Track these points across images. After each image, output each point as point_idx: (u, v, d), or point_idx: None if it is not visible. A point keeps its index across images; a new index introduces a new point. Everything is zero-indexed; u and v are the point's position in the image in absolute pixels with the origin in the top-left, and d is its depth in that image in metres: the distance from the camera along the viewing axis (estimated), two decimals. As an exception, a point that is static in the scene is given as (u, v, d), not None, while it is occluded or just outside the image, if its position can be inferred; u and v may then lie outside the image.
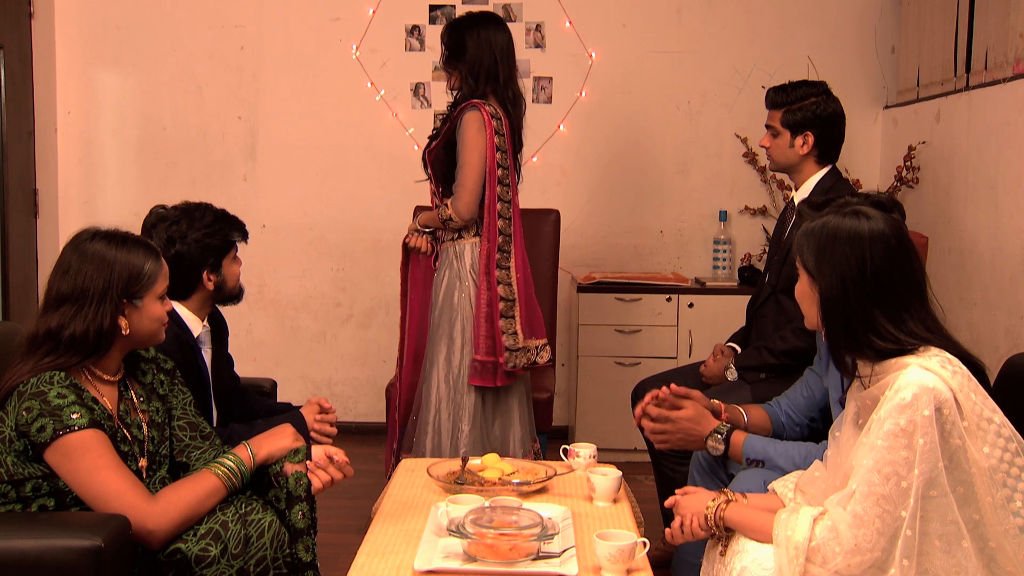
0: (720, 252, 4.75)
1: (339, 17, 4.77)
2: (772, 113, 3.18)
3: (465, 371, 3.30)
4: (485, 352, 3.26)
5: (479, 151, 3.24)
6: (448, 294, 3.34)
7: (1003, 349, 3.35)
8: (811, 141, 3.10)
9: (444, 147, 3.33)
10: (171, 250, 2.56)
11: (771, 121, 3.18)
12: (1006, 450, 1.86)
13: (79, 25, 4.80)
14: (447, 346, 3.33)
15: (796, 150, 3.12)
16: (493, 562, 2.05)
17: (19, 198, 4.51)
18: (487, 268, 3.28)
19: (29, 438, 2.01)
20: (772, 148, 3.19)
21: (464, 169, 3.25)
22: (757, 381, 3.04)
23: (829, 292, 1.97)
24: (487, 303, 3.27)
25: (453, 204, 3.27)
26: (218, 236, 2.65)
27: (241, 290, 2.78)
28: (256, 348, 4.88)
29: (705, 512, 2.07)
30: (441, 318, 3.35)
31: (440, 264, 3.40)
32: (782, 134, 3.14)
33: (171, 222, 2.62)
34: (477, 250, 3.33)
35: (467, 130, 3.23)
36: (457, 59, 3.33)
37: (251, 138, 4.86)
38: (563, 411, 4.73)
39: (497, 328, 3.25)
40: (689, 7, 4.77)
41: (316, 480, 2.22)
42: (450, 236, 3.37)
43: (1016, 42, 3.44)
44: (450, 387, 3.32)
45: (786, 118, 3.12)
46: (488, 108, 3.25)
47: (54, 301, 2.10)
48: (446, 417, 3.31)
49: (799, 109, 3.10)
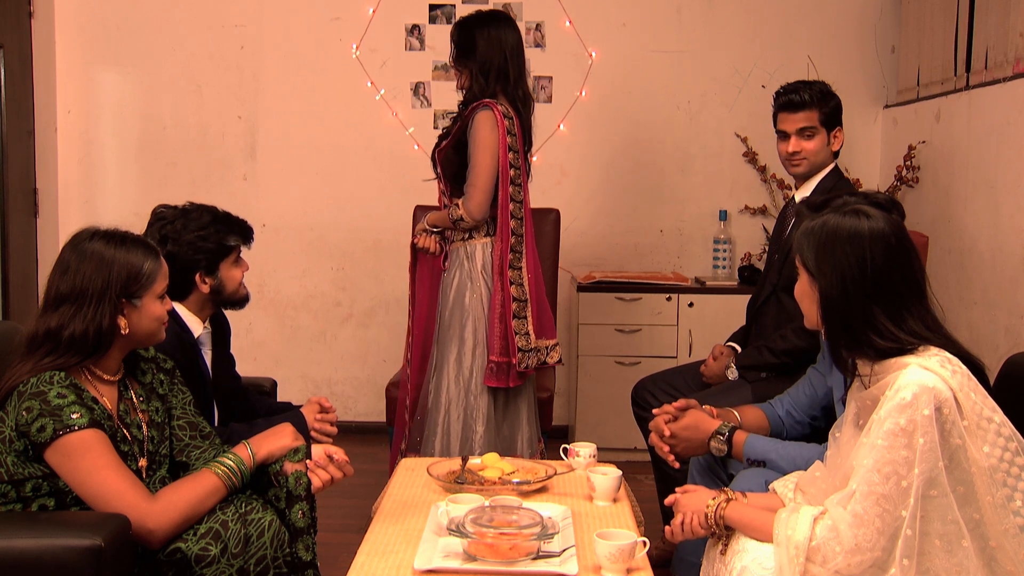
0: (720, 251, 4.75)
1: (339, 17, 4.77)
2: (807, 114, 3.06)
3: (477, 372, 3.30)
4: (499, 353, 3.26)
5: (492, 151, 3.23)
6: (459, 295, 3.33)
7: (1003, 348, 3.35)
8: (841, 137, 3.10)
9: (454, 147, 3.31)
10: (163, 249, 2.54)
11: (807, 122, 3.06)
12: (1006, 449, 1.86)
13: (79, 25, 4.80)
14: (458, 347, 3.32)
15: (830, 148, 3.10)
16: (493, 561, 2.05)
17: (19, 198, 4.51)
18: (500, 268, 3.28)
19: (29, 438, 2.01)
20: (809, 151, 3.08)
21: (476, 169, 3.24)
22: (757, 380, 3.04)
23: (829, 291, 1.97)
24: (501, 303, 3.27)
25: (465, 204, 3.26)
26: (212, 239, 2.61)
27: (245, 296, 2.73)
28: (256, 348, 4.88)
29: (705, 511, 2.07)
30: (452, 319, 3.33)
31: (450, 264, 3.38)
32: (820, 132, 3.07)
33: (167, 221, 2.60)
34: (488, 250, 3.32)
35: (480, 130, 3.22)
36: (467, 57, 3.31)
37: (251, 138, 4.86)
38: (563, 410, 4.73)
39: (510, 329, 3.25)
40: (689, 7, 4.77)
41: (316, 479, 2.22)
42: (460, 236, 3.36)
43: (1016, 41, 3.44)
44: (460, 388, 3.31)
45: (824, 115, 3.06)
46: (500, 107, 3.24)
47: (53, 301, 2.10)
48: (456, 418, 3.30)
49: (833, 105, 3.07)
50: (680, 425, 2.50)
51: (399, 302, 4.74)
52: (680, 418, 2.51)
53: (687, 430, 2.49)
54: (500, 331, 3.26)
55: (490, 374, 3.26)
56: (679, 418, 2.51)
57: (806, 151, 3.08)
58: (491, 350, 3.27)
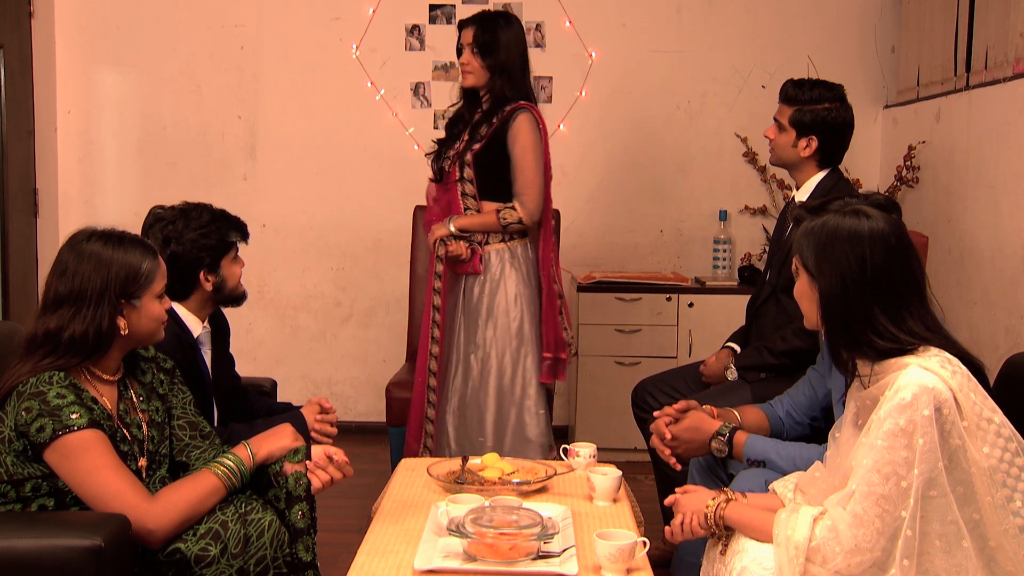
0: (720, 252, 4.75)
1: (339, 17, 4.77)
2: (783, 107, 3.09)
3: (529, 370, 3.34)
4: (553, 348, 3.35)
5: (539, 152, 3.30)
6: (509, 295, 3.34)
7: (1003, 349, 3.35)
8: (814, 146, 3.04)
9: (488, 148, 3.31)
10: (167, 250, 2.56)
11: (780, 115, 3.10)
12: (1006, 450, 1.86)
13: (79, 25, 4.80)
14: (510, 347, 3.34)
15: (798, 151, 3.06)
16: (493, 562, 2.05)
17: (19, 198, 4.51)
18: (547, 266, 3.38)
19: (28, 438, 2.00)
20: (775, 142, 3.12)
21: (530, 171, 3.28)
22: (757, 381, 3.04)
23: (829, 291, 1.97)
24: (550, 300, 3.36)
25: (524, 206, 3.29)
26: (214, 236, 2.63)
27: (243, 293, 2.75)
28: (256, 348, 4.87)
29: (705, 511, 2.07)
30: (498, 320, 3.33)
31: (488, 267, 3.35)
32: (788, 131, 3.07)
33: (167, 222, 2.61)
34: (530, 250, 3.40)
35: (525, 132, 3.27)
36: (490, 56, 3.30)
37: (251, 138, 4.86)
38: (563, 410, 4.73)
39: (558, 325, 3.36)
40: (689, 7, 4.77)
41: (316, 480, 2.22)
42: (500, 238, 3.36)
43: (1016, 42, 3.44)
44: (513, 388, 3.34)
45: (795, 117, 3.04)
46: (537, 109, 3.32)
47: (52, 302, 2.09)
48: (512, 416, 3.33)
49: (810, 111, 3.03)
50: (681, 427, 2.50)
51: (399, 302, 4.74)
52: (681, 420, 2.51)
53: (688, 432, 2.49)
54: (551, 327, 3.35)
55: (547, 371, 3.35)
56: (680, 420, 2.51)
57: (773, 141, 3.14)
58: (546, 347, 3.34)
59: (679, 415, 2.52)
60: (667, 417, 2.53)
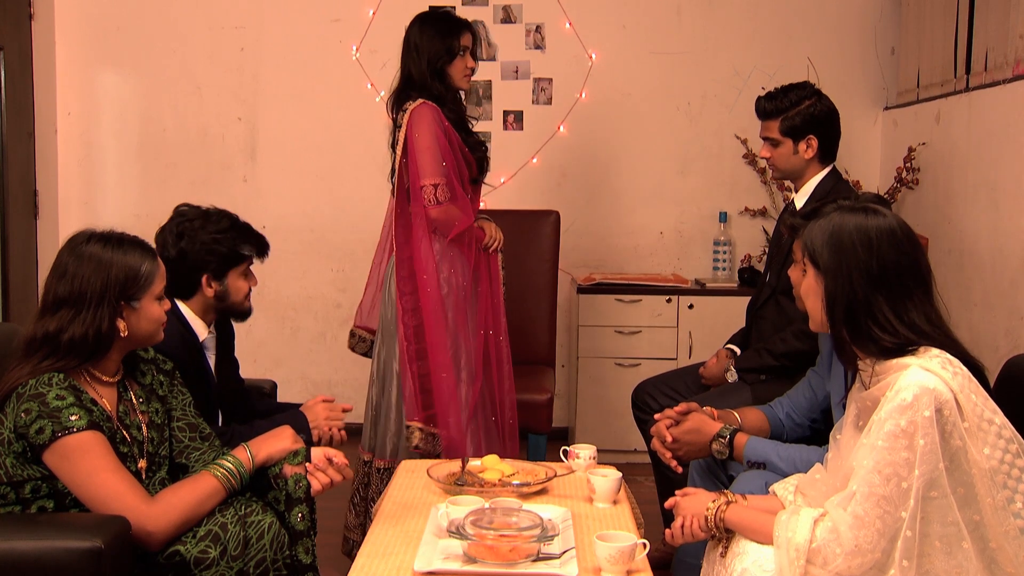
0: (720, 253, 4.75)
1: (339, 18, 4.77)
2: (767, 124, 3.09)
3: None
4: None
5: None
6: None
7: (1003, 350, 3.35)
8: (815, 144, 3.03)
9: None
10: (178, 244, 2.56)
11: (767, 132, 3.09)
12: (1007, 451, 1.86)
13: (79, 26, 4.80)
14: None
15: (801, 156, 3.05)
16: (493, 563, 2.04)
17: (19, 199, 4.51)
18: None
19: (28, 440, 2.00)
20: (775, 158, 3.10)
21: None
22: (757, 383, 3.04)
23: (834, 281, 1.98)
24: None
25: None
26: (227, 244, 2.62)
27: (248, 309, 2.73)
28: (256, 349, 4.87)
29: (705, 513, 2.07)
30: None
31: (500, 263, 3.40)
32: (783, 143, 3.06)
33: (187, 219, 2.61)
34: None
35: None
36: None
37: (251, 139, 4.86)
38: (563, 412, 4.73)
39: None
40: (689, 8, 4.77)
41: (315, 482, 2.22)
42: None
43: (1016, 43, 3.44)
44: None
45: (784, 126, 3.04)
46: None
47: (51, 304, 2.09)
48: None
49: (796, 115, 3.02)
50: (682, 429, 2.50)
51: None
52: (682, 422, 2.51)
53: (689, 434, 2.49)
54: None
55: None
56: (680, 422, 2.51)
57: (772, 158, 3.12)
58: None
59: (680, 418, 2.52)
60: (668, 420, 2.53)
